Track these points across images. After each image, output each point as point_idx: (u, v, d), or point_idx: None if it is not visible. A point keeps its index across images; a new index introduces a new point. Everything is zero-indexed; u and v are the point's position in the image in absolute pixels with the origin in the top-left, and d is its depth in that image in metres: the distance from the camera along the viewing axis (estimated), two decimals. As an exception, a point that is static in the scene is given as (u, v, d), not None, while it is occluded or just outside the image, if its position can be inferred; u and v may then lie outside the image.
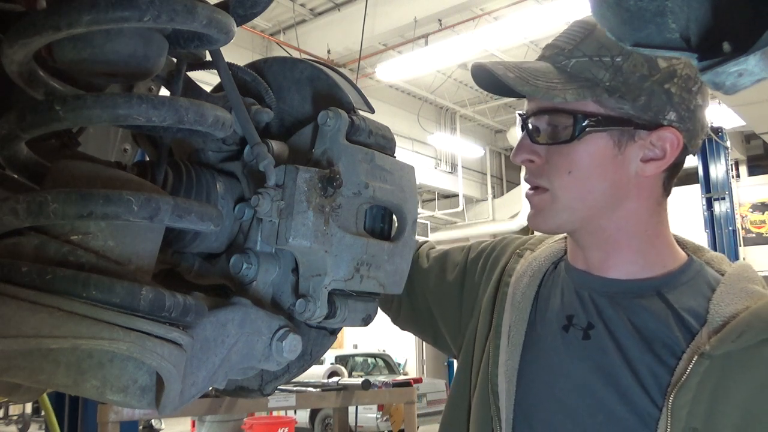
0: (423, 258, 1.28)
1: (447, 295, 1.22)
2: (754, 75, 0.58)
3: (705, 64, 0.60)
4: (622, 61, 0.94)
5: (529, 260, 1.14)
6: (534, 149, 1.00)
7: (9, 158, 0.69)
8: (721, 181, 9.93)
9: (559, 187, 0.98)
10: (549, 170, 0.99)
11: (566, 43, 0.99)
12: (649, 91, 0.94)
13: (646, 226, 1.01)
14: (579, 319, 1.02)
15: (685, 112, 0.96)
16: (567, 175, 0.97)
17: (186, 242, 0.75)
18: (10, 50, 0.62)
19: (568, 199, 0.98)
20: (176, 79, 0.77)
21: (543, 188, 1.00)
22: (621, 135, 0.96)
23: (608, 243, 1.02)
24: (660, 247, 1.03)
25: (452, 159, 14.45)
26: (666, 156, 0.97)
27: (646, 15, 0.63)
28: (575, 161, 0.97)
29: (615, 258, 1.02)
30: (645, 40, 0.66)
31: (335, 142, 0.76)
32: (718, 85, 0.62)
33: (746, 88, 0.62)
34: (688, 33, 0.62)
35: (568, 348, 1.01)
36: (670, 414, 0.89)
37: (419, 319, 1.27)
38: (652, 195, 1.01)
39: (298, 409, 8.41)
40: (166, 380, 0.56)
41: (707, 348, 0.90)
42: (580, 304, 1.03)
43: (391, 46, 10.99)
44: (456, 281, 1.22)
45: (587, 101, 0.95)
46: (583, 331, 1.00)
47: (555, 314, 1.05)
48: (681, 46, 0.64)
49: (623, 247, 1.02)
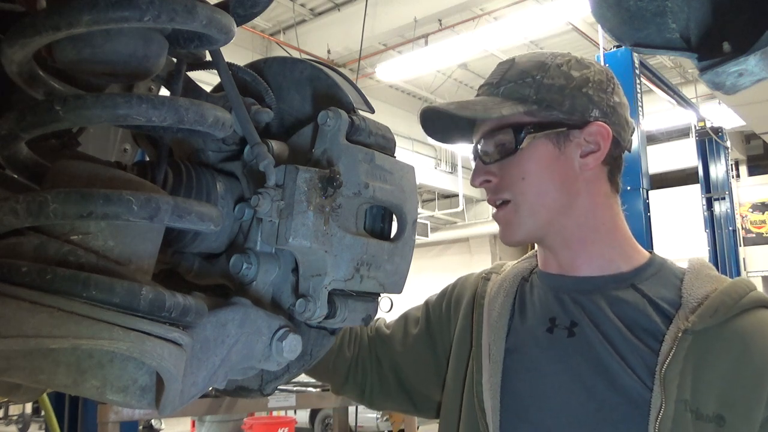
0: (382, 329, 1.33)
1: (416, 349, 1.27)
2: (754, 75, 0.58)
3: (705, 64, 0.60)
4: (541, 77, 1.08)
5: (498, 281, 1.23)
6: (488, 170, 1.11)
7: (9, 158, 0.69)
8: (721, 181, 9.92)
9: (517, 193, 1.09)
10: (506, 183, 1.10)
11: (494, 78, 1.14)
12: (570, 96, 1.08)
13: (602, 220, 1.12)
14: (561, 319, 1.10)
15: (607, 108, 1.10)
16: (521, 181, 1.08)
17: (186, 242, 0.75)
18: (10, 50, 0.62)
19: (529, 204, 1.09)
20: (176, 79, 0.77)
21: (505, 201, 1.11)
22: (558, 137, 1.08)
23: (573, 240, 1.12)
24: (621, 241, 1.13)
25: (452, 159, 14.45)
26: (601, 148, 1.09)
27: (646, 15, 0.63)
28: (525, 167, 1.08)
29: (583, 255, 1.12)
30: (645, 40, 0.66)
31: (335, 142, 0.76)
32: (718, 85, 0.62)
33: (746, 88, 0.62)
34: (688, 33, 0.62)
35: (554, 348, 1.07)
36: (662, 388, 0.96)
37: (391, 392, 1.30)
38: (600, 189, 1.12)
39: (298, 409, 8.40)
40: (166, 380, 0.56)
41: (689, 325, 1.00)
42: (560, 305, 1.11)
43: (391, 46, 10.98)
44: (421, 332, 1.28)
45: (521, 115, 1.08)
46: (567, 330, 1.08)
47: (537, 320, 1.12)
48: (681, 46, 0.64)
49: (587, 243, 1.11)
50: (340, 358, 1.28)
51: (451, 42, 9.63)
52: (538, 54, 1.14)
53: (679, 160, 11.97)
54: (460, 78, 12.59)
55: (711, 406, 0.95)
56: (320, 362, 1.25)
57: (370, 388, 1.30)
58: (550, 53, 1.13)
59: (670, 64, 11.76)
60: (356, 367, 1.29)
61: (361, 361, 1.29)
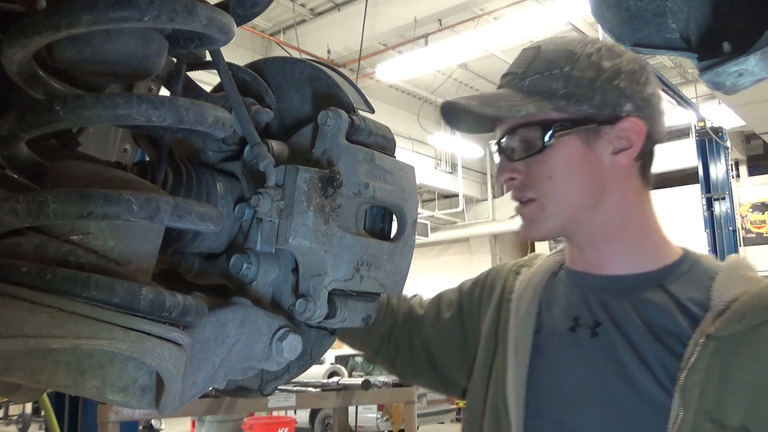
0: (416, 307, 1.32)
1: (448, 334, 1.25)
2: (754, 75, 0.58)
3: (705, 64, 0.60)
4: (570, 69, 1.03)
5: (528, 275, 1.19)
6: (513, 167, 1.07)
7: (9, 158, 0.69)
8: (721, 181, 9.93)
9: (543, 192, 1.04)
10: (531, 181, 1.05)
11: (518, 68, 1.08)
12: (601, 89, 1.02)
13: (631, 217, 1.07)
14: (585, 318, 1.06)
15: (640, 101, 1.03)
16: (548, 180, 1.04)
17: (186, 242, 0.75)
18: (10, 50, 0.62)
19: (554, 203, 1.04)
20: (176, 79, 0.77)
21: (530, 199, 1.06)
22: (587, 133, 1.03)
23: (600, 238, 1.07)
24: (652, 239, 1.08)
25: (452, 159, 14.45)
26: (633, 144, 1.03)
27: (646, 15, 0.63)
28: (552, 166, 1.03)
29: (610, 253, 1.07)
30: (645, 40, 0.66)
31: (335, 142, 0.76)
32: (718, 85, 0.62)
33: (746, 88, 0.62)
34: (688, 33, 0.62)
35: (576, 347, 1.04)
36: (682, 396, 0.91)
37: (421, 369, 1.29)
38: (631, 186, 1.07)
39: (298, 409, 8.40)
40: (166, 380, 0.56)
41: (713, 330, 0.93)
42: (585, 304, 1.07)
43: (391, 46, 10.98)
44: (454, 317, 1.26)
45: (548, 111, 1.02)
46: (590, 330, 1.04)
47: (561, 318, 1.08)
48: (681, 46, 0.64)
49: (615, 241, 1.07)
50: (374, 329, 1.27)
51: (451, 42, 9.63)
52: (567, 41, 1.07)
53: (679, 160, 11.96)
54: (460, 78, 12.59)
55: (736, 417, 0.90)
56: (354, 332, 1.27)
57: (401, 362, 1.30)
58: (580, 40, 1.07)
59: (670, 64, 11.76)
60: (389, 340, 1.29)
61: (394, 335, 1.29)
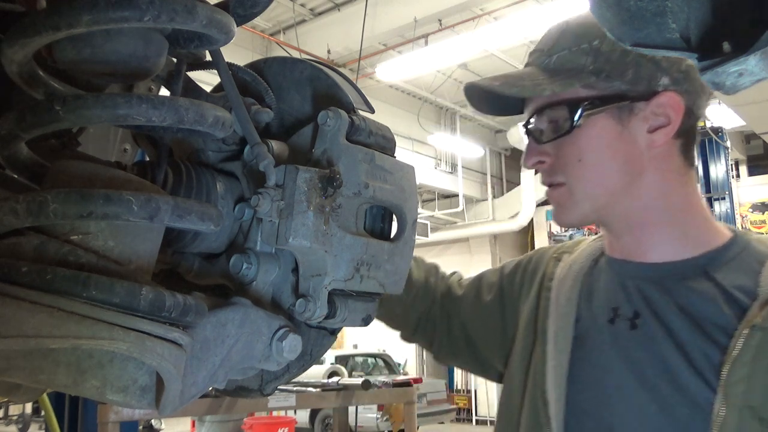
0: (455, 287, 1.28)
1: (487, 317, 1.21)
2: (754, 75, 0.58)
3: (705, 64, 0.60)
4: (600, 43, 0.97)
5: (568, 262, 1.13)
6: (541, 150, 1.01)
7: (9, 158, 0.69)
8: (721, 181, 9.93)
9: (573, 176, 0.98)
10: (561, 164, 0.99)
11: (545, 45, 1.03)
12: (634, 63, 0.95)
13: (673, 200, 0.99)
14: (624, 309, 1.00)
15: (678, 74, 0.97)
16: (578, 163, 0.97)
17: (186, 242, 0.75)
18: (10, 50, 0.62)
19: (586, 187, 0.98)
20: (176, 79, 0.77)
21: (559, 183, 1.00)
22: (620, 111, 0.96)
23: (638, 224, 1.00)
24: (696, 222, 1.00)
25: (452, 159, 14.45)
26: (671, 121, 0.96)
27: (646, 15, 0.63)
28: (583, 148, 0.97)
29: (650, 239, 1.00)
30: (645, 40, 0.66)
31: (335, 142, 0.76)
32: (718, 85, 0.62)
33: (746, 88, 0.62)
34: (688, 33, 0.62)
35: (615, 341, 0.98)
36: (724, 392, 0.85)
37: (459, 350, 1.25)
38: (671, 165, 0.99)
39: (298, 409, 8.41)
40: (166, 380, 0.56)
41: (759, 320, 0.86)
42: (624, 294, 1.01)
43: (391, 46, 10.98)
44: (494, 300, 1.21)
45: (577, 88, 0.96)
46: (629, 321, 0.98)
47: (600, 309, 1.03)
48: (681, 46, 0.64)
49: (656, 227, 1.00)
50: (413, 309, 1.24)
51: (451, 42, 9.63)
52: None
53: (679, 160, 11.95)
54: (460, 78, 12.58)
55: None
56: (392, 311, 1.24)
57: (438, 343, 1.26)
58: None
59: (670, 64, 11.75)
60: (426, 320, 1.25)
61: (431, 315, 1.25)
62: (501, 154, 16.22)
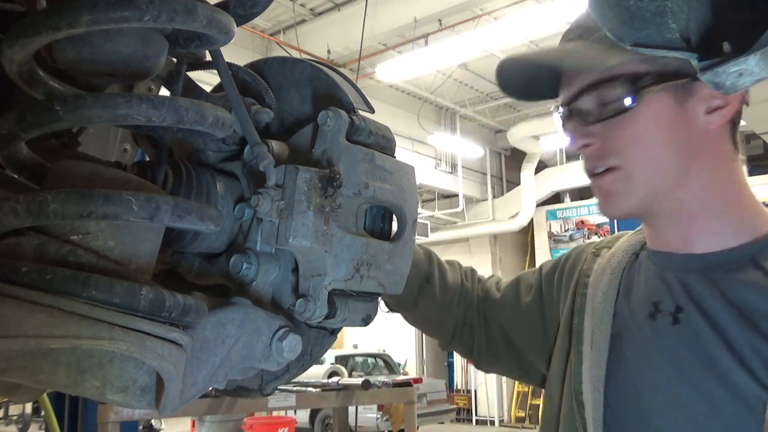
0: (492, 290, 1.24)
1: (527, 318, 1.17)
2: (754, 75, 0.58)
3: (705, 64, 0.60)
4: None
5: (607, 257, 1.08)
6: (589, 132, 0.92)
7: (9, 158, 0.69)
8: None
9: (631, 159, 0.91)
10: (613, 147, 0.91)
11: (587, 21, 0.94)
12: None
13: (725, 188, 0.94)
14: (666, 303, 0.94)
15: None
16: (635, 144, 0.90)
17: (186, 242, 0.75)
18: (10, 50, 0.62)
19: (643, 171, 0.91)
20: (176, 79, 0.77)
21: (613, 168, 0.92)
22: (678, 90, 0.89)
23: (684, 215, 0.94)
24: (746, 208, 0.95)
25: (452, 159, 14.45)
26: (729, 102, 0.90)
27: (646, 15, 0.63)
28: (640, 128, 0.90)
29: (697, 230, 0.94)
30: (645, 40, 0.66)
31: (335, 142, 0.76)
32: (718, 85, 0.62)
33: (746, 88, 0.62)
34: (688, 33, 0.62)
35: (657, 337, 0.93)
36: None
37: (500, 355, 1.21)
38: (724, 151, 0.93)
39: (298, 409, 8.41)
40: (166, 380, 0.56)
41: None
42: (666, 287, 0.95)
43: (391, 46, 10.98)
44: (534, 301, 1.17)
45: (632, 63, 0.88)
46: (671, 316, 0.92)
47: (640, 304, 0.97)
48: (681, 46, 0.64)
49: (705, 217, 0.94)
50: (449, 314, 1.20)
51: (451, 42, 9.63)
52: None
53: (679, 160, 11.95)
54: (460, 78, 12.58)
55: None
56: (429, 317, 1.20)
57: (478, 349, 1.22)
58: None
59: (670, 64, 11.75)
60: (463, 325, 1.21)
61: (468, 320, 1.21)
62: (501, 154, 16.22)
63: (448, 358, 16.26)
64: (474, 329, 1.22)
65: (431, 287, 1.18)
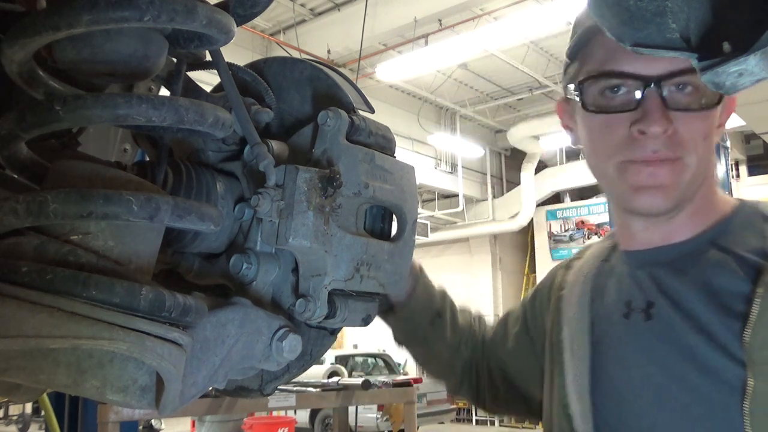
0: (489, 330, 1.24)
1: (519, 349, 1.17)
2: (754, 75, 0.58)
3: (705, 64, 0.60)
4: None
5: (577, 268, 1.09)
6: (668, 117, 0.87)
7: (9, 158, 0.69)
8: (721, 181, 9.92)
9: (697, 155, 0.88)
10: (684, 139, 0.88)
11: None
12: None
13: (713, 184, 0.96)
14: (637, 301, 0.94)
15: None
16: (703, 141, 0.89)
17: (186, 242, 0.75)
18: (10, 50, 0.62)
19: (698, 168, 0.90)
20: (176, 79, 0.77)
21: (673, 158, 0.88)
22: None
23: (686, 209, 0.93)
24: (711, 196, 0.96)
25: (452, 159, 14.45)
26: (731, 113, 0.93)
27: (646, 15, 0.63)
28: (711, 125, 0.89)
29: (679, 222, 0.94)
30: (645, 40, 0.66)
31: (335, 142, 0.76)
32: (718, 85, 0.62)
33: (746, 88, 0.62)
34: (688, 33, 0.62)
35: (633, 336, 0.93)
36: (750, 360, 0.79)
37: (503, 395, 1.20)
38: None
39: (298, 409, 8.40)
40: (166, 380, 0.56)
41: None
42: (636, 285, 0.96)
43: (391, 46, 10.98)
44: (521, 330, 1.17)
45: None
46: (643, 312, 0.93)
47: (613, 306, 0.97)
48: (681, 46, 0.64)
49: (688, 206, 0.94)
50: (457, 356, 1.20)
51: (451, 42, 9.64)
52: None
53: (679, 160, 11.95)
54: (460, 78, 12.59)
55: None
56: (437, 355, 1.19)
57: (483, 391, 1.22)
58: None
59: (670, 64, 11.74)
60: (470, 368, 1.21)
61: (474, 362, 1.21)
62: (501, 154, 16.23)
63: (448, 358, 16.24)
64: (479, 371, 1.22)
65: (442, 323, 1.19)
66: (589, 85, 0.92)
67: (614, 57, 0.90)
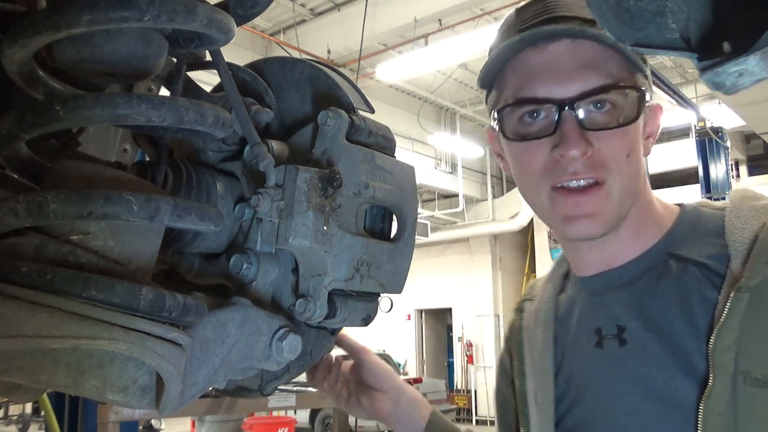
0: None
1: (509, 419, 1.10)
2: (754, 75, 0.58)
3: (705, 64, 0.60)
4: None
5: (532, 311, 1.05)
6: (589, 139, 0.85)
7: (9, 158, 0.69)
8: (721, 181, 9.92)
9: (619, 174, 0.86)
10: (605, 158, 0.86)
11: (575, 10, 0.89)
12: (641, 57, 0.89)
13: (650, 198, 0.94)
14: (607, 327, 0.91)
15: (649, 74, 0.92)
16: (625, 159, 0.86)
17: (186, 242, 0.75)
18: (10, 50, 0.62)
19: (622, 189, 0.87)
20: (176, 79, 0.77)
21: (594, 184, 0.86)
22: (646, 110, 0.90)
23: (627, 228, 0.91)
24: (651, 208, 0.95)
25: (452, 159, 14.45)
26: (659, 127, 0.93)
27: (646, 15, 0.63)
28: (633, 142, 0.86)
29: (624, 239, 0.92)
30: (645, 40, 0.66)
31: (335, 142, 0.76)
32: (718, 85, 0.62)
33: (746, 88, 0.62)
34: (688, 33, 0.62)
35: (609, 364, 0.90)
36: (713, 362, 0.78)
37: None
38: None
39: (298, 409, 8.40)
40: (166, 380, 0.56)
41: (742, 281, 0.79)
42: (602, 311, 0.93)
43: (391, 46, 10.98)
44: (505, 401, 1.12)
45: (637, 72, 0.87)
46: (616, 339, 0.90)
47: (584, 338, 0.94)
48: (681, 46, 0.64)
49: (634, 230, 0.92)
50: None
51: (451, 42, 9.63)
52: None
53: (679, 160, 11.96)
54: (460, 78, 12.59)
55: None
56: None
57: None
58: None
59: (670, 64, 11.75)
60: None
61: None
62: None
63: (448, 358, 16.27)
64: None
65: None
66: (508, 114, 0.90)
67: (528, 83, 0.88)
